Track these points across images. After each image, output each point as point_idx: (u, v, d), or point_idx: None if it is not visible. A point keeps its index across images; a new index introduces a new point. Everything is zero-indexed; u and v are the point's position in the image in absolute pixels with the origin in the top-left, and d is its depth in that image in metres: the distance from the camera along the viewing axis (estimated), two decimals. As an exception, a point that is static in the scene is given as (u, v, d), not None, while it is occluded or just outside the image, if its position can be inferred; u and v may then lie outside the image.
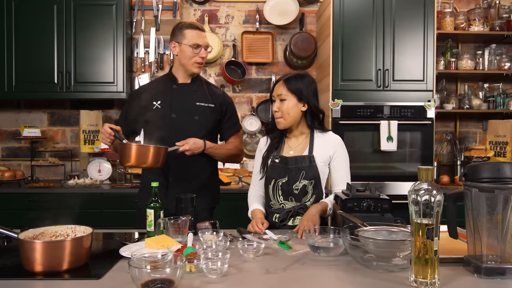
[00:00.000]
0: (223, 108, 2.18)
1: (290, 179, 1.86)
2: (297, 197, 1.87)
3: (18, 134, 3.71)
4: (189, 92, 2.12)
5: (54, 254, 1.27)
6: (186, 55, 2.06)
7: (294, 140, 1.94)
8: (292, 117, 1.86)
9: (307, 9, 3.83)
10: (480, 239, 1.26)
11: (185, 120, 2.07)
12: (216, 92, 2.21)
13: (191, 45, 2.04)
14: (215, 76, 3.83)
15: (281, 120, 1.87)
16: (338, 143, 1.92)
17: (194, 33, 2.06)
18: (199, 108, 2.10)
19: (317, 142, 1.89)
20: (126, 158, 1.81)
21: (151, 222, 1.64)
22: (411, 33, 3.20)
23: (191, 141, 1.94)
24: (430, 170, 1.17)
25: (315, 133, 1.92)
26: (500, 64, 3.55)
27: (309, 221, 1.71)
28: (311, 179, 1.85)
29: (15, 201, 3.18)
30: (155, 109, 2.08)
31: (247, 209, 2.01)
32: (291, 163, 1.86)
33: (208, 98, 2.14)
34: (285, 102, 1.84)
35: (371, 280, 1.23)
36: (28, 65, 3.36)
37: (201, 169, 2.13)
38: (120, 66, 3.40)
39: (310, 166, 1.85)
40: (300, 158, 1.86)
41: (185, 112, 2.08)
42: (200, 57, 2.07)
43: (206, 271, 1.25)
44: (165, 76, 2.21)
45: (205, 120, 2.10)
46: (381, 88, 3.21)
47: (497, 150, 3.21)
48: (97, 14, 3.38)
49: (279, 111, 1.85)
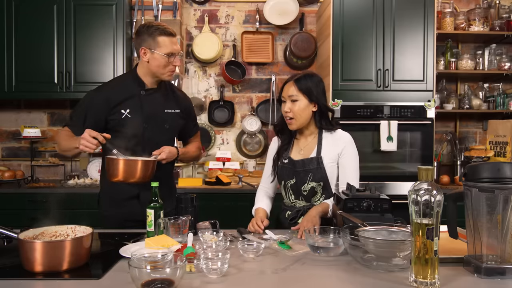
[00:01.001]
0: (187, 111, 2.15)
1: (298, 181, 1.88)
2: (307, 198, 1.90)
3: (18, 134, 3.71)
4: (157, 99, 2.02)
5: (54, 254, 1.27)
6: (159, 63, 1.91)
7: (303, 140, 1.95)
8: (304, 118, 1.86)
9: (307, 9, 3.83)
10: (480, 239, 1.25)
11: (157, 130, 2.00)
12: (180, 96, 2.15)
13: (166, 53, 1.90)
14: (215, 76, 3.83)
15: (293, 121, 1.86)
16: (347, 140, 1.90)
17: (168, 41, 1.90)
18: (168, 115, 2.04)
19: (325, 142, 1.89)
20: (113, 173, 1.72)
21: (151, 222, 1.64)
22: (411, 33, 3.20)
23: (166, 149, 1.89)
24: (430, 170, 1.17)
25: (323, 133, 1.91)
26: (500, 64, 3.55)
27: (309, 222, 1.73)
28: (319, 181, 1.86)
29: (15, 201, 3.18)
30: (124, 117, 1.93)
31: (247, 209, 2.03)
32: (298, 166, 1.88)
33: (174, 104, 2.07)
34: (297, 103, 1.84)
35: (371, 280, 1.23)
36: (28, 65, 3.36)
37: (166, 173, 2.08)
38: (120, 66, 3.40)
39: (318, 168, 1.85)
40: (308, 161, 1.86)
41: (156, 121, 2.00)
42: (174, 66, 1.95)
43: (206, 271, 1.25)
44: (129, 79, 2.03)
45: (174, 127, 2.08)
46: (381, 88, 3.21)
47: (497, 150, 3.20)
48: (97, 14, 3.38)
49: (290, 111, 1.85)
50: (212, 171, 3.54)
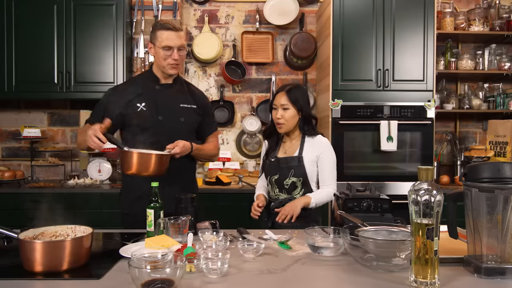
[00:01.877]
0: (204, 108, 2.20)
1: (281, 176, 2.15)
2: (288, 191, 2.15)
3: (18, 134, 3.71)
4: (172, 94, 2.09)
5: (54, 254, 1.27)
6: (160, 56, 2.01)
7: (288, 143, 2.22)
8: (292, 123, 2.15)
9: (307, 9, 3.83)
10: (480, 239, 1.26)
11: (172, 122, 2.05)
12: (196, 92, 2.22)
13: (163, 47, 1.98)
14: (215, 76, 3.84)
15: (284, 126, 2.14)
16: (324, 145, 2.17)
17: (166, 34, 1.97)
18: (184, 109, 2.10)
19: (306, 145, 2.16)
20: (127, 166, 1.77)
21: (151, 222, 1.64)
22: (411, 33, 3.20)
23: (180, 143, 1.93)
24: (430, 170, 1.17)
25: (306, 137, 2.18)
26: (500, 64, 3.55)
27: (290, 209, 2.02)
28: (299, 177, 2.13)
29: (15, 201, 3.18)
30: (140, 111, 2.01)
31: (247, 209, 2.14)
32: (282, 163, 2.16)
33: (190, 99, 2.14)
34: (288, 111, 2.12)
35: (371, 280, 1.23)
36: (28, 65, 3.36)
37: (184, 170, 2.13)
38: (120, 66, 3.40)
39: (299, 165, 2.13)
40: (290, 159, 2.15)
41: (171, 114, 2.06)
42: (173, 59, 2.00)
43: (206, 271, 1.25)
44: (145, 75, 2.16)
45: (189, 122, 2.12)
46: (381, 88, 3.21)
47: (497, 150, 3.20)
48: (97, 14, 3.38)
49: (282, 118, 2.12)
50: (212, 171, 3.54)
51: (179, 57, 2.01)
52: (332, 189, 2.11)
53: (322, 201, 2.11)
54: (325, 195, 2.10)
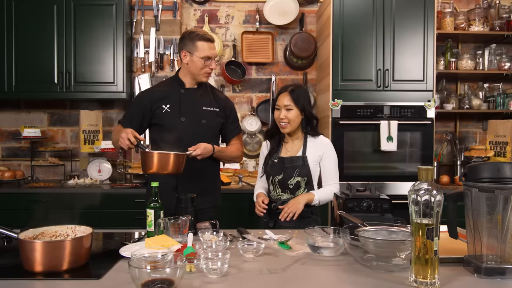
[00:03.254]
0: (227, 112, 2.28)
1: (285, 175, 2.14)
2: (292, 191, 2.15)
3: (18, 134, 3.70)
4: (196, 97, 2.20)
5: (54, 254, 1.27)
6: (197, 65, 2.12)
7: (290, 143, 2.22)
8: (296, 123, 2.15)
9: (307, 9, 3.83)
10: (480, 239, 1.26)
11: (194, 124, 2.15)
12: (219, 96, 2.32)
13: (203, 57, 2.11)
14: (215, 76, 3.83)
15: (288, 126, 2.14)
16: (326, 145, 2.19)
17: (207, 46, 2.12)
18: (206, 112, 2.19)
19: (309, 145, 2.18)
20: (148, 166, 1.87)
21: (151, 222, 1.64)
22: (411, 33, 3.20)
23: (202, 146, 2.02)
24: (430, 170, 1.17)
25: (308, 137, 2.19)
26: (500, 64, 3.55)
27: (293, 206, 2.03)
28: (304, 176, 2.13)
29: (15, 201, 3.18)
30: (164, 112, 2.14)
31: (247, 209, 2.08)
32: (287, 162, 2.15)
33: (213, 102, 2.23)
34: (291, 111, 2.12)
35: (371, 280, 1.23)
36: (28, 65, 3.36)
37: (207, 170, 2.21)
38: (120, 66, 3.40)
39: (303, 165, 2.13)
40: (295, 158, 2.15)
41: (193, 116, 2.16)
42: (210, 68, 2.15)
43: (206, 271, 1.25)
44: (171, 80, 2.28)
45: (211, 124, 2.21)
46: (381, 88, 3.21)
47: (497, 150, 3.20)
48: (97, 14, 3.38)
49: (285, 118, 2.12)
50: (212, 171, 3.54)
51: (215, 67, 2.18)
52: (335, 188, 2.13)
53: (325, 199, 2.12)
54: (328, 193, 2.10)
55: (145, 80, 3.56)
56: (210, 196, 2.20)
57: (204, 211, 2.02)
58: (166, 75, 3.60)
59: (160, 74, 3.63)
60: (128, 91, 3.48)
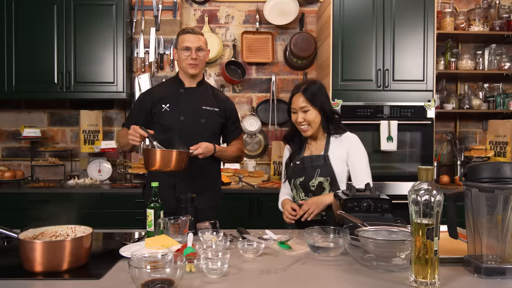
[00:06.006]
0: (227, 112, 2.28)
1: (306, 177, 1.98)
2: (315, 193, 1.97)
3: (18, 134, 3.71)
4: (195, 96, 2.21)
5: (54, 254, 1.27)
6: (180, 58, 2.17)
7: (313, 144, 2.07)
8: (317, 123, 1.98)
9: (307, 9, 3.83)
10: (480, 239, 1.25)
11: (193, 123, 2.16)
12: (220, 96, 2.32)
13: (182, 48, 2.14)
14: (215, 76, 3.83)
15: (309, 128, 1.98)
16: (353, 141, 2.00)
17: (186, 37, 2.14)
18: (205, 111, 2.20)
19: (332, 144, 2.00)
20: (150, 163, 1.88)
21: (151, 222, 1.64)
22: (411, 33, 3.20)
23: (203, 145, 2.03)
24: (430, 170, 1.17)
25: (331, 137, 2.02)
26: (500, 64, 3.55)
27: (313, 204, 1.86)
28: (327, 176, 1.95)
29: (15, 201, 3.18)
30: (164, 111, 2.16)
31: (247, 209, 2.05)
32: (307, 162, 1.99)
33: (213, 102, 2.24)
34: (308, 112, 1.95)
35: (371, 280, 1.23)
36: (28, 65, 3.36)
37: (207, 169, 2.22)
38: (120, 66, 3.40)
39: (325, 164, 1.96)
40: (315, 157, 1.98)
41: (192, 115, 2.17)
42: (191, 58, 2.13)
43: (206, 271, 1.25)
44: (172, 80, 2.31)
45: (210, 123, 2.21)
46: (381, 88, 3.21)
47: (497, 150, 3.20)
48: (97, 14, 3.38)
49: (304, 120, 1.96)
50: (212, 171, 3.53)
51: (198, 57, 2.14)
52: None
53: None
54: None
55: (145, 80, 3.56)
56: (210, 196, 2.20)
57: (204, 211, 2.03)
58: (166, 75, 3.61)
59: (160, 74, 3.63)
60: (128, 91, 3.48)
